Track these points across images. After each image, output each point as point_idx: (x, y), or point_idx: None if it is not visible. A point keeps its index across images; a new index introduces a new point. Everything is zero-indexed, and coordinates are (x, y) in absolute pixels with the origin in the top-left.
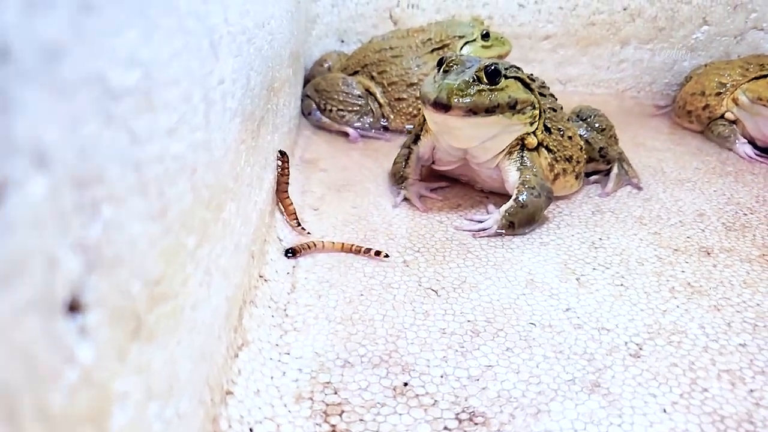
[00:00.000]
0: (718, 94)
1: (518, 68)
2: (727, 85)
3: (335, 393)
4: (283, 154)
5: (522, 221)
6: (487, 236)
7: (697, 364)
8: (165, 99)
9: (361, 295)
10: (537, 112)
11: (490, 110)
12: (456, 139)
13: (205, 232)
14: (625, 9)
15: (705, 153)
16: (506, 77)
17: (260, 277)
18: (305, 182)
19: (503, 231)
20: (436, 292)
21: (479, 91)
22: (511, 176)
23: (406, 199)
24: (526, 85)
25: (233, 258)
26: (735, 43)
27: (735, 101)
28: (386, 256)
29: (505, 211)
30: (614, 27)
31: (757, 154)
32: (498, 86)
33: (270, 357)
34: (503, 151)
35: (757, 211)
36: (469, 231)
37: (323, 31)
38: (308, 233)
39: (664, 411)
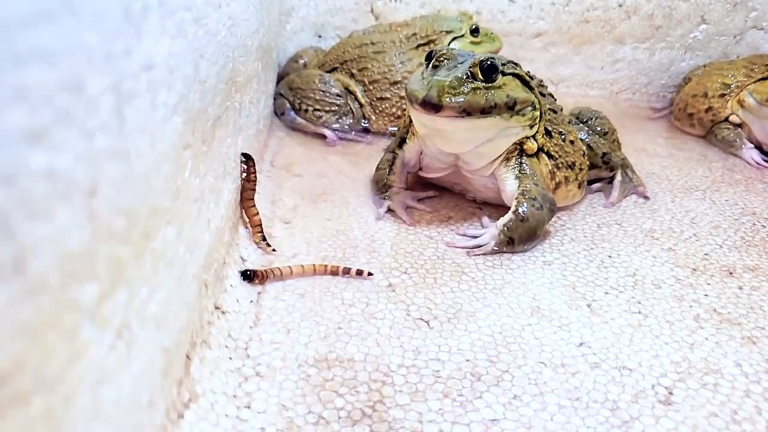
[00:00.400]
0: (722, 95)
1: (516, 64)
2: (732, 86)
3: None
4: (247, 157)
5: (522, 237)
6: (483, 254)
7: (740, 413)
8: (15, 84)
9: (339, 328)
10: (537, 113)
11: (486, 111)
12: (447, 143)
13: (118, 275)
14: (620, 6)
15: (710, 159)
16: (503, 74)
17: (216, 308)
18: (276, 191)
19: (501, 248)
20: (427, 323)
21: (474, 89)
22: (509, 185)
23: (390, 210)
24: (526, 83)
25: (173, 297)
26: (734, 42)
27: (740, 103)
28: (369, 274)
29: (504, 226)
30: (609, 24)
31: (765, 161)
32: (495, 84)
33: (225, 413)
34: (499, 157)
35: None
36: (463, 248)
37: (298, 25)
38: (273, 250)
39: None
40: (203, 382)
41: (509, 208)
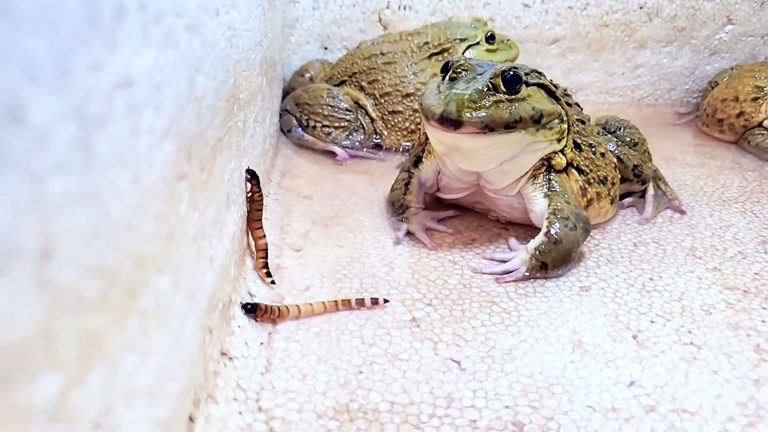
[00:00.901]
0: (755, 99)
1: (540, 73)
2: (765, 89)
3: None
4: (252, 174)
5: (556, 261)
6: (514, 281)
7: None
8: None
9: (360, 372)
10: (565, 126)
11: (510, 125)
12: (467, 161)
13: (91, 353)
14: (641, 7)
15: (744, 167)
16: (527, 84)
17: (223, 355)
18: (285, 215)
19: (533, 274)
20: (458, 363)
21: (496, 102)
22: (538, 205)
23: (409, 233)
24: (551, 94)
25: (170, 357)
26: (762, 43)
27: None
28: (385, 301)
29: (535, 249)
30: (629, 28)
31: None
32: (519, 96)
33: None
34: (525, 174)
35: None
36: (491, 274)
37: (303, 37)
38: (272, 282)
39: None
40: None
41: (537, 227)
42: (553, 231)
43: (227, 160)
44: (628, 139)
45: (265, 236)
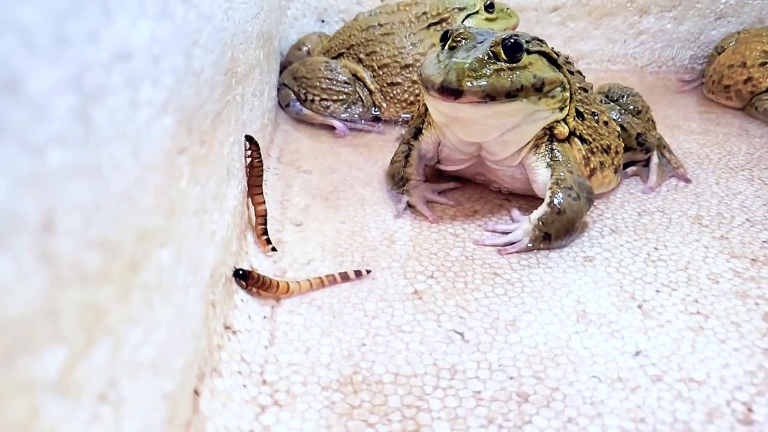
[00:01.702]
0: (763, 64)
1: (541, 41)
2: None
3: None
4: (250, 140)
5: (560, 231)
6: (517, 252)
7: None
8: None
9: (363, 344)
10: (567, 94)
11: (511, 94)
12: (468, 132)
13: (95, 327)
14: None
15: (752, 134)
16: (528, 52)
17: (226, 329)
18: (285, 190)
19: (537, 245)
20: (461, 335)
21: (497, 70)
22: (540, 175)
23: (410, 206)
24: (553, 62)
25: (174, 331)
26: None
27: None
28: (368, 271)
29: (538, 220)
30: None
31: None
32: (520, 64)
33: None
34: (528, 144)
35: None
36: (493, 246)
37: (300, 10)
38: (273, 249)
39: None
40: (215, 419)
41: (540, 198)
42: (556, 201)
43: (226, 134)
44: (631, 107)
45: (264, 202)
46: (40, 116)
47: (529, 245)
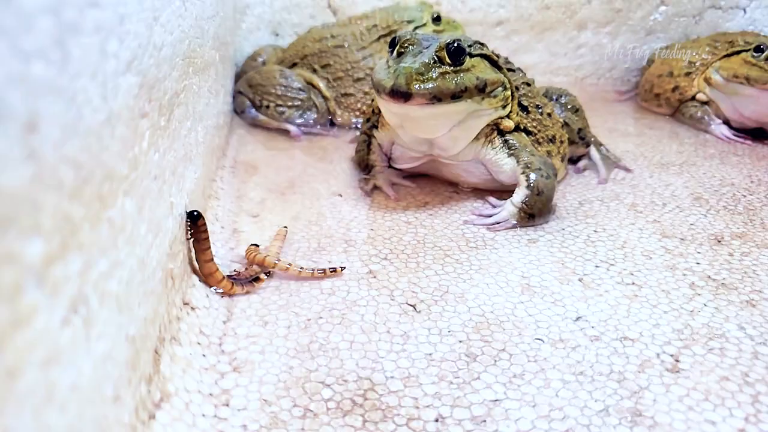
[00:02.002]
0: (688, 74)
1: (483, 44)
2: (697, 64)
3: None
4: (196, 217)
5: (542, 210)
6: (504, 229)
7: (751, 375)
8: None
9: (320, 317)
10: (509, 93)
11: (456, 95)
12: (419, 128)
13: (69, 236)
14: None
15: (681, 136)
16: (471, 55)
17: (185, 304)
18: (241, 186)
19: (522, 223)
20: (414, 307)
21: (442, 73)
22: (506, 165)
23: (376, 187)
24: (494, 63)
25: (136, 280)
26: (694, 23)
27: (707, 81)
28: (342, 268)
29: (521, 203)
30: (570, 10)
31: (735, 135)
32: (463, 66)
33: (202, 413)
34: (477, 139)
35: (756, 192)
36: (483, 225)
37: (254, 23)
38: (253, 284)
39: None
40: (175, 381)
41: (499, 189)
42: (533, 183)
43: (184, 117)
44: (569, 106)
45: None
46: (28, 29)
47: (515, 223)
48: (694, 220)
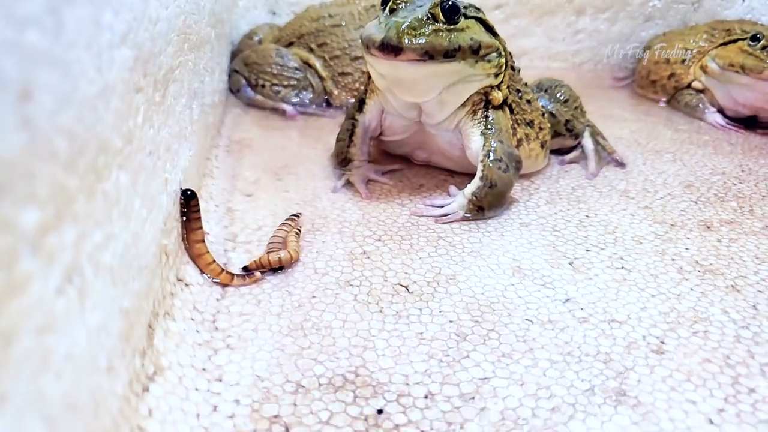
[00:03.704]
0: (684, 61)
1: (478, 9)
2: (693, 51)
3: (287, 431)
4: (190, 197)
5: (493, 203)
6: (453, 221)
7: (733, 357)
8: None
9: (313, 297)
10: (503, 60)
11: (449, 54)
12: (408, 91)
13: (63, 206)
14: None
15: (676, 123)
16: (466, 17)
17: (179, 281)
18: (235, 165)
19: (472, 216)
20: (406, 288)
21: (435, 30)
22: (474, 142)
23: (349, 182)
24: (489, 29)
25: (131, 253)
26: (693, 10)
27: (703, 69)
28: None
29: (472, 194)
30: None
31: (728, 123)
32: (457, 26)
33: (195, 387)
34: (464, 107)
35: (746, 181)
36: (430, 216)
37: (251, 1)
38: (244, 278)
39: (711, 422)
40: (169, 355)
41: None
42: (487, 174)
43: (179, 93)
44: (560, 97)
45: (209, 251)
46: None
47: (467, 215)
48: (684, 207)
